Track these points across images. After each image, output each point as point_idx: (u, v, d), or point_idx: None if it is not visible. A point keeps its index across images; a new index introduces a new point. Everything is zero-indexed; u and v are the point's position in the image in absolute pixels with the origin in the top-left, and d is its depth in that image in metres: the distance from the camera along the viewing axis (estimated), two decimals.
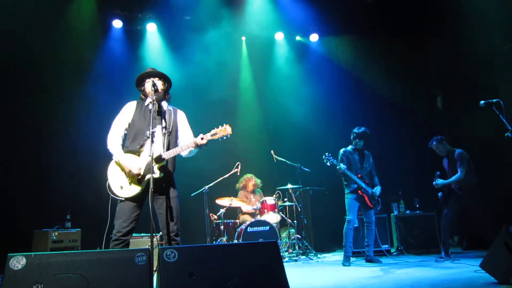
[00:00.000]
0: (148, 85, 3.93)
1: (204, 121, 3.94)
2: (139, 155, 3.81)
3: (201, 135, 3.79)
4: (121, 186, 3.73)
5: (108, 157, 3.90)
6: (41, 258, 2.75)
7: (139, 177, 3.73)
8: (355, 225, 6.38)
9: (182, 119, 4.12)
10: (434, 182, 6.16)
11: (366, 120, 8.06)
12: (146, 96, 4.02)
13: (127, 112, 3.98)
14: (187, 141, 3.95)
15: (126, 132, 3.95)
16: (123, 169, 3.78)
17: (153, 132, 3.57)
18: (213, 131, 3.84)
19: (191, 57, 8.82)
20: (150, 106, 3.86)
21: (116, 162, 3.80)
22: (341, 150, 6.50)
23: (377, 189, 6.40)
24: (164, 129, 3.85)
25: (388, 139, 8.72)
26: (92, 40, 8.10)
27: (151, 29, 8.76)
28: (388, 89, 9.05)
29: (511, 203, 6.45)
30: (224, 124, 3.87)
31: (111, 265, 2.83)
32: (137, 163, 3.75)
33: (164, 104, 4.04)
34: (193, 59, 8.77)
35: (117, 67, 8.09)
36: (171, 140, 3.92)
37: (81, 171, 7.32)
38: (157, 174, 3.68)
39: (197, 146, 3.79)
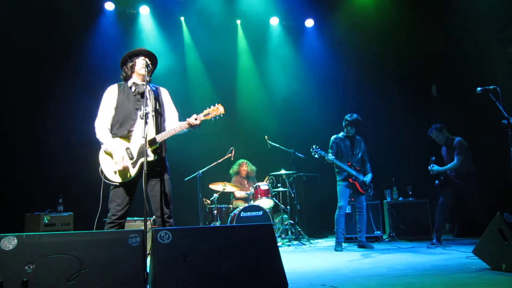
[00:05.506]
0: (139, 63, 3.83)
1: (198, 106, 3.88)
2: (129, 140, 3.72)
3: (194, 116, 3.76)
4: (114, 171, 3.64)
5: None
6: (32, 239, 2.72)
7: (132, 161, 3.66)
8: (346, 211, 6.41)
9: (166, 96, 4.05)
10: (429, 167, 6.16)
11: (361, 105, 8.04)
12: (128, 76, 3.90)
13: (110, 96, 3.82)
14: (175, 119, 3.93)
15: (112, 116, 3.81)
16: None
17: (147, 114, 3.49)
18: (205, 111, 3.83)
19: (186, 40, 8.70)
20: (133, 88, 3.79)
21: (105, 152, 3.70)
22: (332, 137, 6.49)
23: (368, 177, 6.42)
24: (152, 111, 3.71)
25: (383, 126, 8.71)
26: (83, 22, 7.95)
27: (144, 12, 8.61)
28: (383, 75, 9.00)
29: (506, 191, 6.47)
30: (216, 104, 3.86)
31: (104, 246, 2.80)
32: (124, 156, 3.62)
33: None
34: (187, 43, 8.65)
35: (110, 49, 7.93)
36: (160, 120, 3.87)
37: (73, 154, 7.25)
38: (151, 157, 3.62)
39: (190, 126, 3.75)
